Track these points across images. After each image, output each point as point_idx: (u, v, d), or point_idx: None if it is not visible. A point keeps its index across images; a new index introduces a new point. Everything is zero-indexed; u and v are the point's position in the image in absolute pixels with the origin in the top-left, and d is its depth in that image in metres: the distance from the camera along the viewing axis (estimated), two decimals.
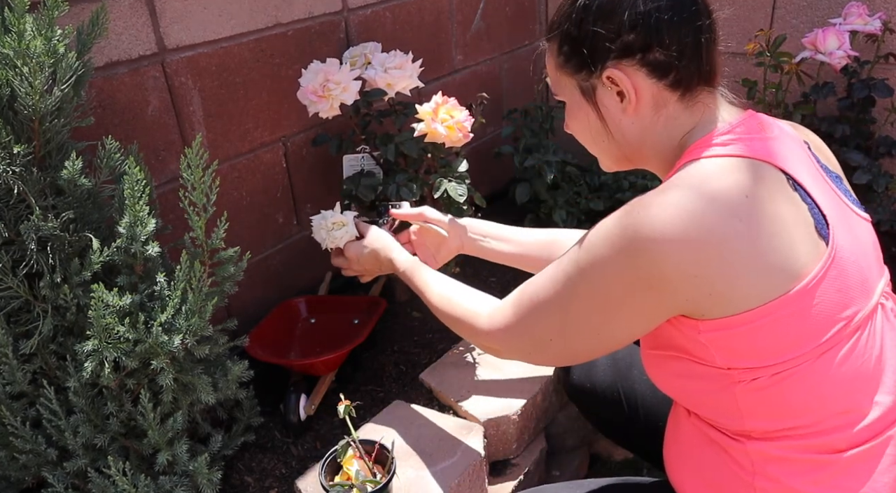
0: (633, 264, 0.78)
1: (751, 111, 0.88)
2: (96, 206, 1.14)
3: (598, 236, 0.82)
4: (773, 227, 0.75)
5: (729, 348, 0.77)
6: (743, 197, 0.75)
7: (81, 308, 1.09)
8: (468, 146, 1.61)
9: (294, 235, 1.79)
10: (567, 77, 0.91)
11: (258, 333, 1.53)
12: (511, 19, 2.26)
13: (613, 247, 0.79)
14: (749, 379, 0.77)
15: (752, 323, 0.75)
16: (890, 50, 1.77)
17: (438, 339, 1.68)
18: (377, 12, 1.80)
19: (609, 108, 0.88)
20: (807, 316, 0.75)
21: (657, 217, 0.76)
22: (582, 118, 0.93)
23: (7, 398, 1.09)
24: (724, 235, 0.74)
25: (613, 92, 0.86)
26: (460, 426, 1.31)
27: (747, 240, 0.74)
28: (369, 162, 1.68)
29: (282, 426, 1.44)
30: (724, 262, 0.74)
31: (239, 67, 1.53)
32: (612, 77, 0.84)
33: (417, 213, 1.39)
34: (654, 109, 0.86)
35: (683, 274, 0.75)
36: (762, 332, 0.75)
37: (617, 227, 0.80)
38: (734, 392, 0.79)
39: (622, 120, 0.88)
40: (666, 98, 0.85)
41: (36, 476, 1.15)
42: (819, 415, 0.79)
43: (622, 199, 2.05)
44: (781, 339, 0.75)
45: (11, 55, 0.98)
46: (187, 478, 1.15)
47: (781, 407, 0.78)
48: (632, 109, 0.85)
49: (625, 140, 0.90)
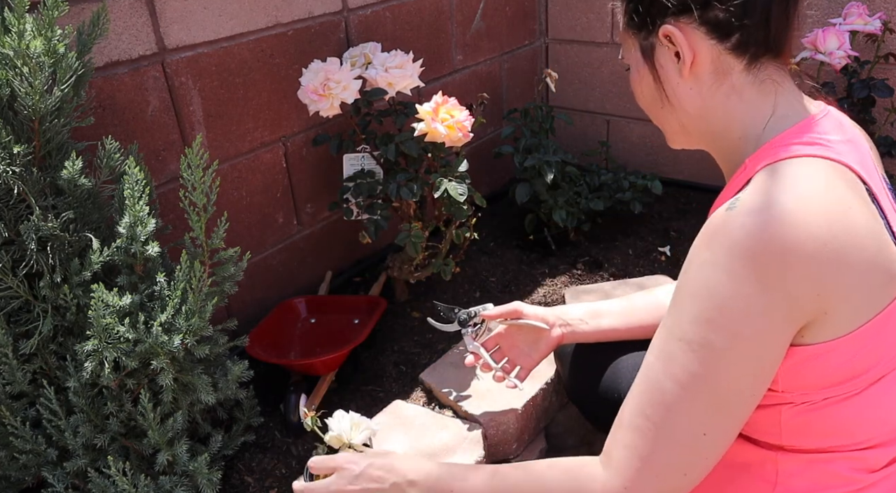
0: (765, 283, 0.67)
1: (824, 105, 0.81)
2: (96, 206, 1.14)
3: (703, 276, 0.71)
4: (875, 238, 0.71)
5: (801, 375, 0.73)
6: (847, 207, 0.70)
7: (81, 308, 1.09)
8: (468, 146, 1.61)
9: (294, 235, 1.79)
10: (630, 37, 0.86)
11: (258, 333, 1.53)
12: (511, 19, 2.26)
13: (733, 272, 0.68)
14: (799, 402, 0.75)
15: (848, 345, 0.71)
16: (890, 50, 1.77)
17: (438, 339, 1.68)
18: (377, 12, 1.80)
19: (667, 69, 0.82)
20: (883, 336, 0.72)
21: (774, 221, 0.67)
22: (640, 81, 0.87)
23: (7, 398, 1.09)
24: (843, 242, 0.68)
25: (671, 52, 0.80)
26: (460, 426, 1.31)
27: (860, 249, 0.69)
28: (369, 161, 1.69)
29: (282, 425, 1.44)
30: (850, 266, 0.69)
31: (239, 67, 1.53)
32: (669, 34, 0.78)
33: (511, 310, 1.21)
34: (714, 76, 0.79)
35: (813, 284, 0.68)
36: (848, 354, 0.71)
37: (729, 255, 0.69)
38: (780, 412, 0.76)
39: (679, 84, 0.81)
40: (729, 64, 0.78)
41: (36, 476, 1.15)
42: (858, 438, 0.77)
43: (622, 199, 2.06)
44: (855, 361, 0.72)
45: (11, 55, 0.98)
46: (187, 478, 1.15)
47: (824, 430, 0.76)
48: (687, 70, 0.79)
49: (682, 108, 0.83)
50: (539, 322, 1.19)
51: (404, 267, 1.74)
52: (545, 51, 2.43)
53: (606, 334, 1.16)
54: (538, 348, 1.22)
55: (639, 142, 2.35)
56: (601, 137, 2.41)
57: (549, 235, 2.05)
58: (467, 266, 1.95)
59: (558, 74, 1.86)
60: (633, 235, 2.08)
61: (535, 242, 2.07)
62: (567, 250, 2.03)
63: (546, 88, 1.85)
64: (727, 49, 0.77)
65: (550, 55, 2.42)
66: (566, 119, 2.07)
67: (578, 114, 2.42)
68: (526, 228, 2.05)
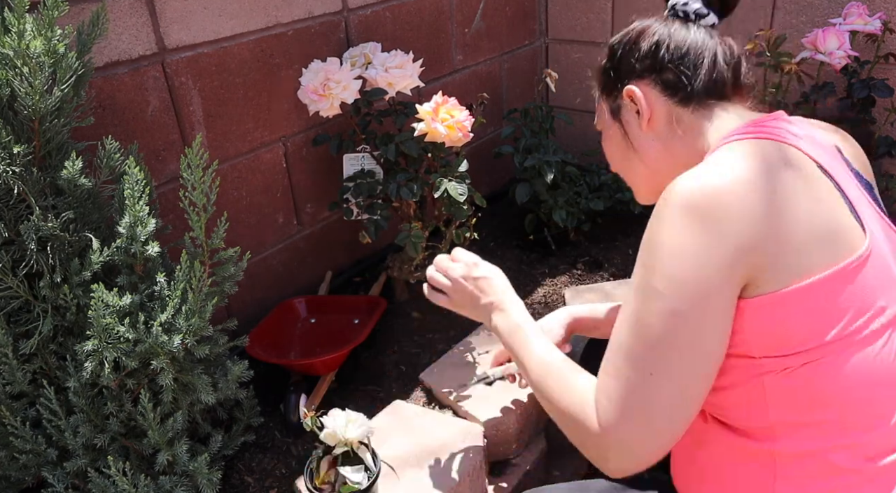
0: (705, 230, 0.75)
1: (780, 112, 0.89)
2: (96, 206, 1.14)
3: (654, 235, 0.80)
4: (821, 198, 0.78)
5: (768, 331, 0.77)
6: (783, 164, 0.79)
7: (81, 308, 1.09)
8: (468, 146, 1.61)
9: (294, 235, 1.79)
10: (603, 102, 1.01)
11: (258, 333, 1.53)
12: (511, 19, 2.26)
13: (680, 229, 0.77)
14: (780, 369, 0.77)
15: (801, 297, 0.75)
16: (890, 50, 1.76)
17: (438, 339, 1.68)
18: (377, 12, 1.80)
19: (631, 123, 0.96)
20: (848, 294, 0.76)
21: (713, 178, 0.77)
22: (610, 139, 1.01)
23: (7, 398, 1.09)
24: (781, 187, 0.76)
25: (633, 110, 0.95)
26: (460, 427, 1.31)
27: (803, 197, 0.76)
28: (369, 161, 1.69)
29: (282, 425, 1.44)
30: (789, 215, 0.75)
31: (239, 67, 1.53)
32: (630, 93, 0.93)
33: None
34: (668, 125, 0.93)
35: (753, 225, 0.74)
36: (806, 309, 0.75)
37: (673, 212, 0.78)
38: (763, 383, 0.79)
39: (641, 136, 0.95)
40: (679, 113, 0.92)
41: (36, 476, 1.15)
42: (845, 410, 0.78)
43: (622, 199, 2.05)
44: (821, 318, 0.76)
45: (11, 55, 0.98)
46: (187, 478, 1.15)
47: (808, 399, 0.78)
48: (646, 122, 0.93)
49: (650, 158, 0.96)
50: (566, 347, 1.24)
51: (404, 267, 1.74)
52: (545, 51, 2.43)
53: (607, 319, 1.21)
54: None
55: None
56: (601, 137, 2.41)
57: (549, 235, 2.05)
58: None
59: (558, 74, 1.86)
60: (633, 235, 2.08)
61: (535, 242, 2.07)
62: (567, 250, 2.03)
63: (546, 87, 1.85)
64: (676, 103, 0.92)
65: (550, 55, 2.42)
66: (566, 119, 2.07)
67: (578, 114, 2.42)
68: (526, 228, 2.05)
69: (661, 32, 0.93)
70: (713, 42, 0.92)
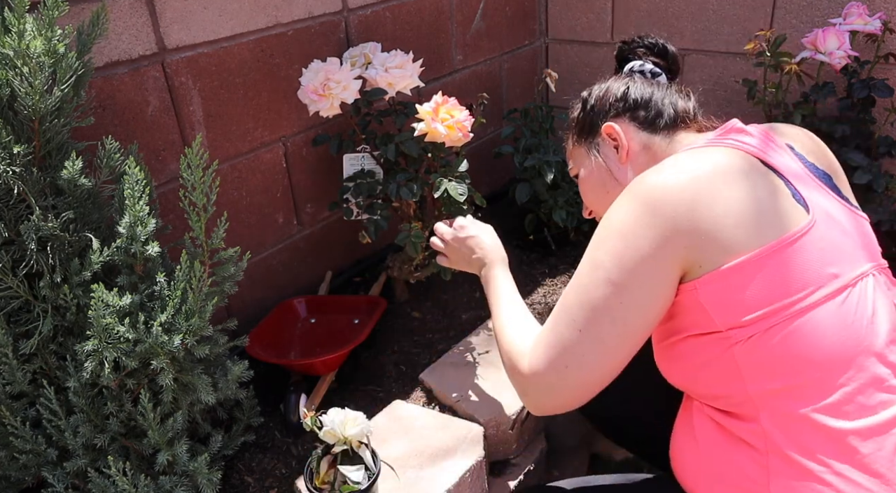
0: (646, 212, 0.86)
1: (733, 122, 1.00)
2: (96, 206, 1.14)
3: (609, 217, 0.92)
4: (757, 187, 0.87)
5: (725, 303, 0.84)
6: (726, 163, 0.89)
7: (81, 308, 1.09)
8: (468, 146, 1.61)
9: (294, 235, 1.79)
10: (580, 147, 1.16)
11: (258, 333, 1.53)
12: (511, 19, 2.26)
13: (627, 211, 0.88)
14: (745, 337, 0.83)
15: (742, 271, 0.83)
16: (890, 50, 1.76)
17: (438, 339, 1.68)
18: (377, 12, 1.80)
19: (610, 157, 1.10)
20: (793, 264, 0.84)
21: (661, 174, 0.88)
22: (589, 176, 1.14)
23: (7, 398, 1.09)
24: (718, 182, 0.86)
25: (612, 145, 1.10)
26: (460, 427, 1.31)
27: (739, 189, 0.86)
28: (369, 161, 1.69)
29: (282, 425, 1.44)
30: (720, 203, 0.85)
31: (239, 67, 1.53)
32: (609, 130, 1.09)
33: None
34: (643, 150, 1.08)
35: (687, 211, 0.84)
36: (753, 280, 0.83)
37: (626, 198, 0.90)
38: (734, 355, 0.85)
39: (620, 169, 1.09)
40: (652, 139, 1.08)
41: (36, 476, 1.15)
42: (817, 371, 0.83)
43: None
44: (771, 287, 0.83)
45: (11, 55, 0.98)
46: (187, 478, 1.15)
47: (778, 363, 0.83)
48: (624, 154, 1.08)
49: (625, 182, 1.05)
50: None
51: (404, 267, 1.74)
52: (545, 51, 2.43)
53: None
54: None
55: None
56: None
57: (549, 235, 2.05)
58: None
59: (558, 74, 1.86)
60: None
61: (535, 242, 2.07)
62: (567, 250, 2.03)
63: (546, 87, 1.85)
64: (649, 133, 1.08)
65: (550, 55, 2.42)
66: (566, 119, 2.06)
67: None
68: (526, 228, 2.05)
69: (627, 82, 1.11)
70: (671, 89, 1.11)
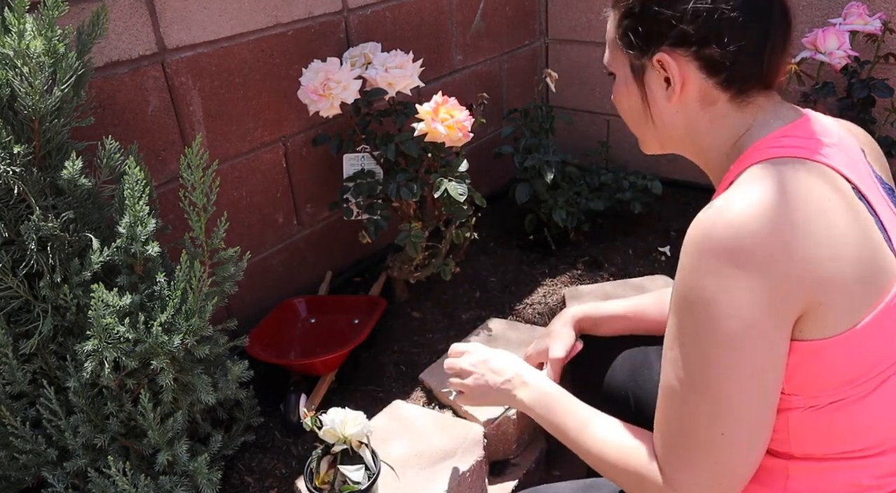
0: (747, 274, 0.69)
1: (809, 112, 0.84)
2: (96, 206, 1.14)
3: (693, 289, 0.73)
4: (859, 231, 0.72)
5: (802, 374, 0.74)
6: (825, 200, 0.72)
7: (81, 308, 1.09)
8: (468, 146, 1.61)
9: (294, 235, 1.79)
10: (621, 51, 0.88)
11: (258, 333, 1.53)
12: (511, 19, 2.26)
13: (713, 272, 0.71)
14: (806, 406, 0.75)
15: (840, 346, 0.71)
16: (890, 50, 1.77)
17: (438, 339, 1.68)
18: (377, 12, 1.80)
19: (654, 91, 0.86)
20: (885, 333, 0.72)
21: (742, 214, 0.70)
22: (627, 96, 0.90)
23: (7, 398, 1.09)
24: (822, 220, 0.71)
25: (661, 77, 0.84)
26: (460, 427, 1.31)
27: (844, 228, 0.71)
28: (369, 161, 1.69)
29: (282, 425, 1.44)
30: (828, 247, 0.70)
31: (239, 67, 1.53)
32: (662, 61, 0.82)
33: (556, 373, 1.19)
34: (700, 104, 0.83)
35: (796, 263, 0.69)
36: (843, 358, 0.72)
37: (706, 258, 0.72)
38: (787, 417, 0.77)
39: (665, 107, 0.86)
40: (715, 96, 0.82)
41: (36, 476, 1.15)
42: (867, 444, 0.77)
43: (622, 199, 2.06)
44: (859, 361, 0.73)
45: (11, 55, 0.98)
46: (187, 478, 1.15)
47: (831, 435, 0.76)
48: (675, 97, 0.83)
49: (664, 127, 0.88)
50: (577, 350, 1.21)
51: (404, 267, 1.74)
52: (545, 51, 2.43)
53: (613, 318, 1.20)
54: None
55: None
56: (601, 137, 2.41)
57: (549, 235, 2.05)
58: (467, 266, 1.95)
59: (558, 74, 1.86)
60: (633, 235, 2.08)
61: (535, 242, 2.07)
62: (567, 249, 2.03)
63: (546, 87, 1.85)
64: (715, 84, 0.81)
65: (550, 55, 2.42)
66: (566, 119, 2.07)
67: (578, 114, 2.42)
68: (526, 228, 2.05)
69: None
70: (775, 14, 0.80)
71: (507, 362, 1.07)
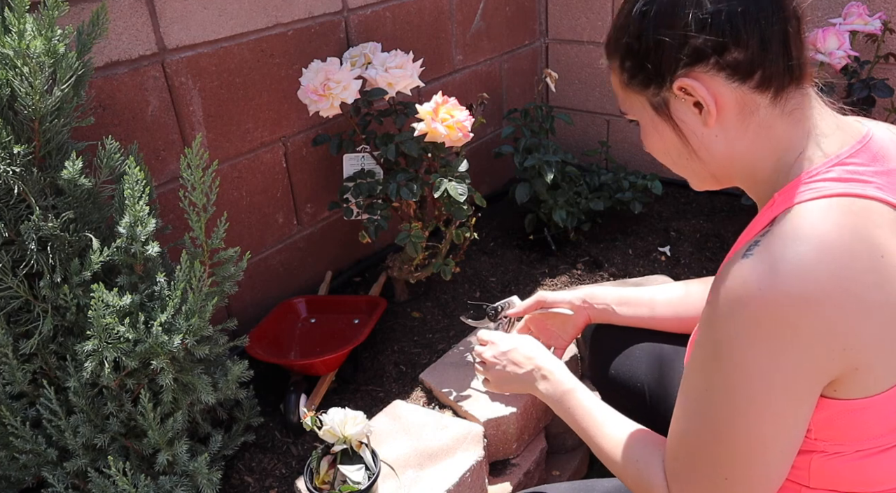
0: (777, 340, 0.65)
1: (867, 130, 0.76)
2: (96, 206, 1.14)
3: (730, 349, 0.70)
4: None
5: (836, 427, 0.72)
6: (879, 256, 0.66)
7: (81, 308, 1.09)
8: (468, 146, 1.61)
9: (294, 235, 1.79)
10: (635, 94, 0.80)
11: (258, 333, 1.53)
12: (511, 19, 2.26)
13: (761, 339, 0.67)
14: (832, 452, 0.73)
15: (875, 405, 0.69)
16: (890, 50, 1.77)
17: (438, 339, 1.68)
18: (377, 12, 1.80)
19: (687, 122, 0.76)
20: None
21: (792, 270, 0.65)
22: (659, 138, 0.81)
23: (7, 398, 1.09)
24: (866, 295, 0.65)
25: (689, 103, 0.75)
26: (460, 426, 1.31)
27: (887, 304, 0.66)
28: (369, 161, 1.69)
29: (282, 425, 1.44)
30: (867, 323, 0.65)
31: (239, 67, 1.53)
32: (685, 86, 0.73)
33: (534, 302, 1.27)
34: (740, 117, 0.74)
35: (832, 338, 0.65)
36: (876, 416, 0.70)
37: (745, 316, 0.67)
38: (811, 458, 0.75)
39: (705, 134, 0.76)
40: (755, 102, 0.73)
41: (36, 476, 1.15)
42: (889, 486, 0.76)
43: (622, 199, 2.06)
44: (887, 421, 0.71)
45: (11, 55, 0.98)
46: (187, 478, 1.15)
47: (852, 479, 0.75)
48: (713, 119, 0.74)
49: (711, 157, 0.78)
50: (564, 309, 1.25)
51: (404, 267, 1.74)
52: (545, 51, 2.43)
53: (630, 321, 1.21)
54: (567, 330, 1.28)
55: (639, 142, 2.34)
56: (601, 137, 2.41)
57: (549, 235, 2.05)
58: (467, 266, 1.95)
59: (558, 74, 1.86)
60: (633, 235, 2.08)
61: (535, 242, 2.07)
62: (567, 249, 2.03)
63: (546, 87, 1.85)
64: (751, 88, 0.72)
65: (550, 55, 2.42)
66: (566, 119, 2.07)
67: (578, 114, 2.42)
68: (526, 228, 2.05)
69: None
70: None
71: (528, 352, 1.10)
